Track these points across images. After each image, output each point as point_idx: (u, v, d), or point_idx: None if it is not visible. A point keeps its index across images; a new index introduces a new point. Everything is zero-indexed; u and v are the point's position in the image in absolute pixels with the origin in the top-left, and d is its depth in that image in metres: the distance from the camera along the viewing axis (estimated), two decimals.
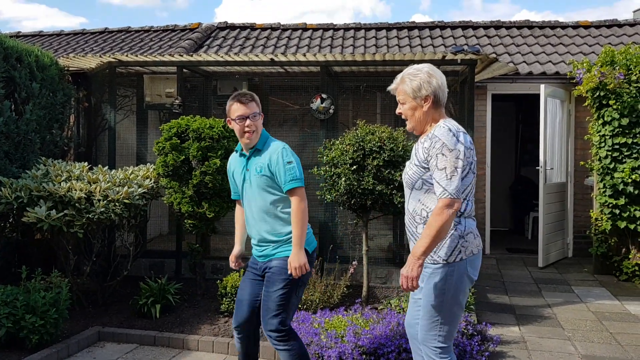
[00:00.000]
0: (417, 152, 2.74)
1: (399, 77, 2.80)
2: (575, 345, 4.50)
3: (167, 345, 4.41)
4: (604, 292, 6.10)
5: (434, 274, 2.68)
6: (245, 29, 10.59)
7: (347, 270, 5.34)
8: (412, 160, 2.78)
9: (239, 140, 3.32)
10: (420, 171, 2.70)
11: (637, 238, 6.60)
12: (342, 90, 6.82)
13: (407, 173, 2.79)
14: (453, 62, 5.66)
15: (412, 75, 2.73)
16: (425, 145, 2.69)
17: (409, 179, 2.77)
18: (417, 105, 2.73)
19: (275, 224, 3.24)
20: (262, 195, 3.23)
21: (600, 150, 6.67)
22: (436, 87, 2.72)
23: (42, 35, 11.46)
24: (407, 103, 2.76)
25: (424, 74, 2.72)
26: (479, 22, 10.06)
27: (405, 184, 2.82)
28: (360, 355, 3.88)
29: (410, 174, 2.75)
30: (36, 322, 4.04)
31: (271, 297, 3.15)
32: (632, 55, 6.54)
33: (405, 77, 2.76)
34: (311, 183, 6.26)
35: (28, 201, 4.59)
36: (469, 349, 4.00)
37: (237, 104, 3.23)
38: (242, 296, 3.33)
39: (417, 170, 2.71)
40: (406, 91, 2.74)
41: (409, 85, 2.73)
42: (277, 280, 3.16)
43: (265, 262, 3.28)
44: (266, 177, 3.21)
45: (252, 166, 3.27)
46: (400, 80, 2.78)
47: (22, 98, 5.47)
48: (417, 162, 2.71)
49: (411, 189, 2.76)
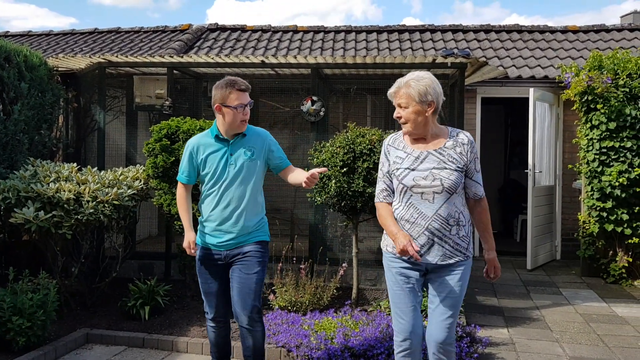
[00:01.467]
0: (449, 158, 2.82)
1: (402, 82, 2.84)
2: (563, 347, 4.53)
3: (156, 347, 4.39)
4: (591, 294, 6.15)
5: (467, 268, 2.90)
6: (236, 30, 10.59)
7: (337, 272, 5.34)
8: (444, 166, 2.80)
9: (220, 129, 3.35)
10: (461, 176, 2.83)
11: (624, 241, 6.66)
12: (333, 92, 6.83)
13: (445, 179, 2.78)
14: (443, 65, 5.69)
15: (417, 80, 2.80)
16: (459, 150, 2.84)
17: (452, 184, 2.78)
18: (421, 109, 2.80)
19: (255, 209, 3.38)
20: (248, 180, 3.33)
21: (588, 153, 6.73)
22: (439, 93, 2.84)
23: (30, 35, 11.37)
24: (411, 107, 2.80)
25: (429, 80, 2.82)
26: (469, 26, 10.13)
27: (444, 190, 2.79)
28: (350, 357, 3.89)
29: (454, 179, 2.79)
30: (23, 324, 4.00)
31: (252, 279, 3.30)
32: (619, 60, 6.61)
33: (411, 82, 2.80)
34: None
35: (16, 202, 4.55)
36: (458, 351, 4.01)
37: (236, 92, 3.27)
38: (213, 288, 3.44)
39: (458, 175, 2.82)
40: (411, 95, 2.79)
41: (415, 89, 2.78)
42: (254, 263, 3.32)
43: (234, 249, 3.35)
44: (257, 161, 3.35)
45: (239, 150, 3.33)
46: (405, 84, 2.81)
47: (10, 98, 5.42)
48: (458, 167, 2.81)
49: (451, 193, 2.81)
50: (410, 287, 2.88)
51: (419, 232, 2.81)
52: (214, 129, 3.39)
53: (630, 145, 6.49)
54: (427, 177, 2.80)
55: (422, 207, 2.80)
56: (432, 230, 2.80)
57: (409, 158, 2.87)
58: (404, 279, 2.89)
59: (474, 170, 2.86)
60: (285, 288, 5.00)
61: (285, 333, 4.21)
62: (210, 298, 3.46)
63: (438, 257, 2.82)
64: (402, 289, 2.89)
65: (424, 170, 2.81)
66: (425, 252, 2.82)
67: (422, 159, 2.83)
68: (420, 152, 2.86)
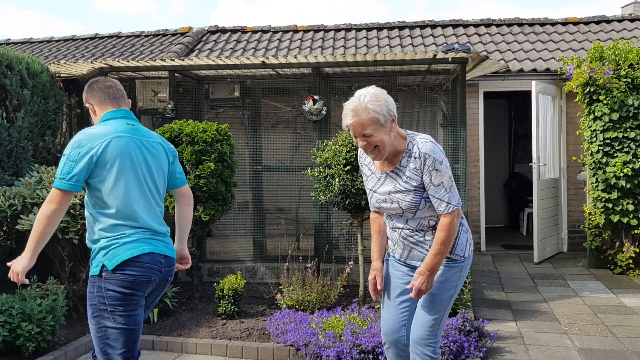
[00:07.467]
0: (403, 177, 2.63)
1: (359, 108, 2.51)
2: (572, 339, 4.52)
3: (166, 349, 4.41)
4: (599, 286, 6.14)
5: (451, 270, 2.73)
6: (236, 32, 10.60)
7: (343, 270, 5.35)
8: (399, 188, 2.64)
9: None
10: (419, 193, 2.62)
11: (630, 231, 6.64)
12: (334, 91, 6.83)
13: (401, 202, 2.64)
14: (444, 60, 5.69)
15: (375, 102, 2.52)
16: (412, 166, 2.60)
17: (409, 206, 2.63)
18: (387, 129, 2.56)
19: (90, 230, 2.80)
20: None
21: (591, 145, 6.71)
22: (394, 104, 2.61)
23: (32, 42, 11.41)
24: (378, 132, 2.53)
25: (384, 95, 2.56)
26: (469, 21, 10.10)
27: (404, 211, 2.67)
28: (359, 354, 3.89)
29: (409, 201, 2.62)
30: (33, 329, 4.02)
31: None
32: (620, 51, 6.59)
33: (369, 105, 2.50)
34: (305, 184, 6.28)
35: (22, 209, 4.57)
36: (467, 345, 4.02)
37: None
38: None
39: (415, 194, 2.62)
40: (376, 120, 2.51)
41: (379, 112, 2.51)
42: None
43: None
44: None
45: None
46: (364, 110, 2.50)
47: (13, 105, 5.45)
48: (412, 187, 2.61)
49: (414, 212, 2.67)
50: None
51: (397, 239, 2.79)
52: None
53: (633, 135, 6.47)
54: (386, 200, 2.69)
55: (395, 219, 2.76)
56: (406, 237, 2.75)
57: (372, 178, 2.77)
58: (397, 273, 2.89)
59: (430, 184, 2.57)
60: (292, 287, 5.01)
61: (293, 332, 4.22)
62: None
63: (419, 262, 2.76)
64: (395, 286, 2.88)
65: (383, 194, 2.70)
66: (407, 256, 2.80)
67: (382, 182, 2.71)
68: (380, 173, 2.72)
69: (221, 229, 6.39)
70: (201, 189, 4.93)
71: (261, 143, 6.44)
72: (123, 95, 2.89)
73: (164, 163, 2.88)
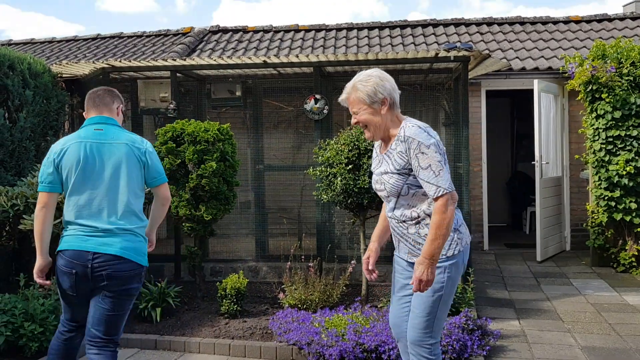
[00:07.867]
0: (392, 159, 2.68)
1: (349, 87, 2.71)
2: (575, 337, 4.51)
3: (169, 348, 4.41)
4: (602, 284, 6.13)
5: (440, 269, 2.68)
6: (238, 32, 10.60)
7: (345, 269, 5.35)
8: (387, 170, 2.69)
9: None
10: (402, 177, 2.65)
11: (633, 229, 6.63)
12: (336, 90, 6.82)
13: (386, 183, 2.69)
14: (446, 59, 5.68)
15: (364, 82, 2.66)
16: (399, 149, 2.64)
17: (392, 188, 2.67)
18: (374, 110, 2.66)
19: None
20: None
21: (594, 143, 6.70)
22: (390, 89, 2.67)
23: (33, 43, 11.43)
24: (363, 111, 2.67)
25: (376, 78, 2.66)
26: (471, 19, 10.10)
27: (388, 194, 2.72)
28: (361, 353, 3.89)
29: (393, 183, 2.66)
30: (35, 329, 4.03)
31: None
32: (622, 49, 6.58)
33: (358, 84, 2.67)
34: (307, 184, 6.28)
35: (24, 209, 4.57)
36: (470, 344, 4.01)
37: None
38: None
39: (398, 177, 2.65)
40: (361, 98, 2.65)
41: (363, 91, 2.65)
42: None
43: None
44: None
45: None
46: (352, 89, 2.69)
47: (15, 106, 5.46)
48: (396, 170, 2.65)
49: (397, 196, 2.70)
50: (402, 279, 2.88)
51: (391, 229, 2.85)
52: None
53: (636, 133, 6.45)
54: (378, 181, 2.77)
55: (388, 207, 2.81)
56: (394, 227, 2.80)
57: (376, 159, 2.84)
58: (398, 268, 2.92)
59: (417, 167, 2.58)
60: (295, 286, 5.01)
61: (296, 331, 4.22)
62: None
63: (406, 255, 2.78)
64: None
65: (377, 175, 2.77)
66: (398, 248, 2.83)
67: (380, 163, 2.77)
68: (380, 155, 2.78)
69: (223, 228, 6.40)
70: (203, 188, 4.93)
71: (263, 142, 6.43)
72: (106, 103, 3.19)
73: (130, 163, 3.08)
